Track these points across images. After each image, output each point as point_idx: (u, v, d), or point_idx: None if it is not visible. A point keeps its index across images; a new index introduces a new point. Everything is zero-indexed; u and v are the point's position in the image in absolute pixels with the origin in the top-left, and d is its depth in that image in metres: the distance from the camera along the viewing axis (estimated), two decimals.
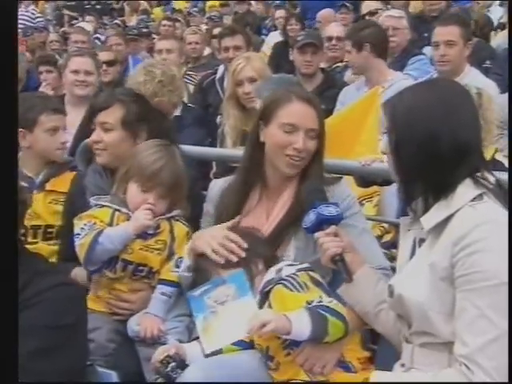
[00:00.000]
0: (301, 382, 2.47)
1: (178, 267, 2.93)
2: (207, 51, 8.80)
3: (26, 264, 2.28)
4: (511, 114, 4.50)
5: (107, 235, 2.94)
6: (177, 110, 4.78)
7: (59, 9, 15.90)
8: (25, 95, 3.62)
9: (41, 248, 3.32)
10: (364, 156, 3.72)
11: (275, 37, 10.07)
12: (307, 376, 2.48)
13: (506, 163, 3.77)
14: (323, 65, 6.43)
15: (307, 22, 9.65)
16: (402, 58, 6.31)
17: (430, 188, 2.24)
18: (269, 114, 2.84)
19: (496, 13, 10.25)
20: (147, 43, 9.47)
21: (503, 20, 9.27)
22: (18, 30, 9.89)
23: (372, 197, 4.19)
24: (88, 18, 13.01)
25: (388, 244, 3.93)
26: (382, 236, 4.06)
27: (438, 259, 2.17)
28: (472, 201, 2.18)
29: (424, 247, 2.28)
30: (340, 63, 6.96)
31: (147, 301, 3.01)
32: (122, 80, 6.73)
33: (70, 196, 3.42)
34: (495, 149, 3.82)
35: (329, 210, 2.57)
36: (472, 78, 4.78)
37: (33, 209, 3.27)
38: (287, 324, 2.40)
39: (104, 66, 6.10)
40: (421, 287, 2.20)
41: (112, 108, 3.31)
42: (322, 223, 2.56)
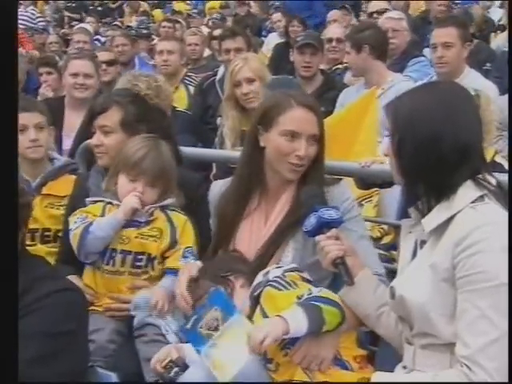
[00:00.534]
0: (301, 383, 2.47)
1: (186, 257, 3.01)
2: (207, 52, 8.81)
3: (27, 268, 2.27)
4: (511, 116, 4.50)
5: (97, 223, 3.00)
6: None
7: (59, 10, 15.92)
8: None
9: (39, 250, 3.31)
10: (363, 155, 3.72)
11: (274, 38, 10.09)
12: (306, 376, 2.48)
13: (506, 165, 3.78)
14: (323, 66, 6.43)
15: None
16: (402, 60, 6.31)
17: (432, 190, 2.24)
18: (269, 120, 2.81)
19: (495, 14, 10.27)
20: (147, 44, 9.49)
21: (503, 22, 9.29)
22: (19, 31, 9.92)
23: (371, 197, 4.18)
24: (88, 19, 13.03)
25: (388, 246, 3.93)
26: (382, 238, 4.06)
27: (440, 260, 2.17)
28: (473, 202, 2.18)
29: (425, 249, 2.28)
30: (340, 65, 6.96)
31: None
32: None
33: (72, 199, 3.41)
34: (495, 150, 3.83)
35: (329, 214, 2.57)
36: (471, 80, 4.78)
37: None
38: (284, 325, 2.40)
39: (104, 66, 6.10)
40: (422, 288, 2.20)
41: (110, 111, 3.31)
42: (323, 226, 2.56)
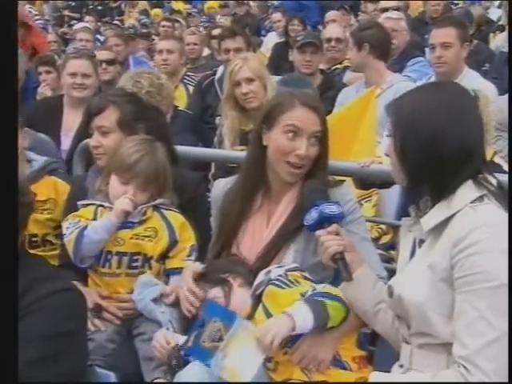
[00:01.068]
0: (301, 383, 2.47)
1: (191, 256, 3.02)
2: (207, 52, 8.81)
3: (26, 269, 2.27)
4: (511, 117, 4.51)
5: (92, 227, 2.98)
6: (167, 115, 4.79)
7: (59, 10, 15.92)
8: None
9: None
10: (362, 155, 3.72)
11: (273, 37, 10.09)
12: (305, 375, 2.49)
13: (505, 165, 3.78)
14: (322, 66, 6.43)
15: None
16: (401, 60, 6.32)
17: (433, 189, 2.25)
18: (272, 119, 2.82)
19: (494, 15, 10.28)
20: (146, 43, 9.48)
21: (502, 22, 9.29)
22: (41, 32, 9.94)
23: (370, 196, 4.19)
24: (87, 19, 13.02)
25: (386, 245, 3.93)
26: (380, 237, 4.07)
27: (438, 260, 2.18)
28: (472, 202, 2.19)
29: (424, 248, 2.28)
30: (339, 65, 6.96)
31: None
32: None
33: (70, 201, 3.35)
34: (494, 151, 3.83)
35: (331, 209, 2.57)
36: (470, 80, 4.79)
37: None
38: (290, 322, 2.42)
39: (103, 65, 6.09)
40: (420, 288, 2.20)
41: (107, 111, 3.29)
42: (324, 221, 2.57)
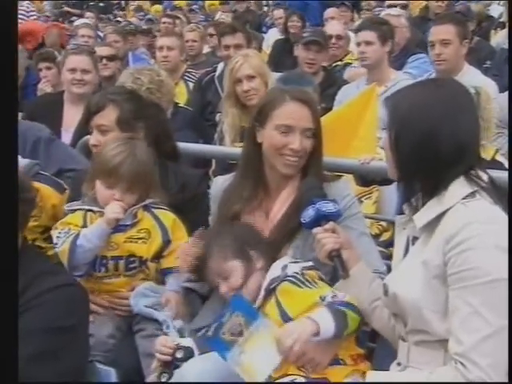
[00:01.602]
0: (301, 382, 2.46)
1: None
2: (208, 48, 8.80)
3: (27, 264, 2.27)
4: (511, 115, 4.50)
5: (84, 236, 2.94)
6: (168, 112, 4.79)
7: (59, 6, 15.90)
8: None
9: None
10: (362, 151, 3.72)
11: (274, 34, 10.08)
12: (301, 371, 2.47)
13: (506, 163, 3.78)
14: (323, 63, 6.44)
15: None
16: (402, 57, 6.33)
17: (426, 185, 2.26)
18: (264, 116, 2.84)
19: (495, 12, 10.27)
20: (147, 40, 9.48)
21: (503, 19, 9.29)
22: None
23: (371, 193, 4.19)
24: (88, 15, 13.00)
25: (386, 242, 3.93)
26: (381, 234, 4.06)
27: (431, 257, 2.18)
28: (464, 198, 2.19)
29: (417, 245, 2.29)
30: (340, 62, 6.96)
31: None
32: None
33: (69, 200, 3.36)
34: (495, 149, 3.83)
35: (327, 207, 2.58)
36: (470, 77, 4.79)
37: None
38: (314, 326, 2.41)
39: (104, 61, 6.09)
40: (414, 285, 2.21)
41: (106, 110, 3.28)
42: (321, 219, 2.58)
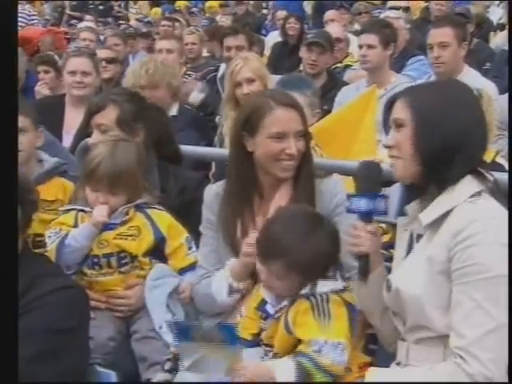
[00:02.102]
0: (310, 383, 2.44)
1: (191, 248, 3.04)
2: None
3: (28, 266, 2.28)
4: (511, 115, 4.50)
5: (71, 236, 2.97)
6: (174, 108, 4.83)
7: (59, 9, 15.89)
8: None
9: None
10: (363, 154, 3.72)
11: (274, 37, 10.08)
12: None
13: (506, 165, 3.79)
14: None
15: None
16: (401, 59, 6.33)
17: (436, 183, 2.27)
18: (253, 125, 2.80)
19: (495, 13, 10.28)
20: (147, 43, 9.49)
21: (502, 21, 9.30)
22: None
23: None
24: (88, 18, 13.01)
25: (386, 245, 3.92)
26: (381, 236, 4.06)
27: (436, 253, 2.20)
28: (471, 197, 2.21)
29: (421, 242, 2.30)
30: (339, 64, 6.97)
31: (143, 296, 3.01)
32: (123, 80, 6.75)
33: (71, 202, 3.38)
34: (496, 151, 3.83)
35: (379, 204, 2.44)
36: (470, 79, 4.77)
37: None
38: (269, 376, 2.41)
39: (103, 63, 6.10)
40: (418, 281, 2.22)
41: (107, 109, 3.30)
42: (370, 214, 2.45)
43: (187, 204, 3.19)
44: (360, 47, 5.46)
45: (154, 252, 3.07)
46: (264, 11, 14.79)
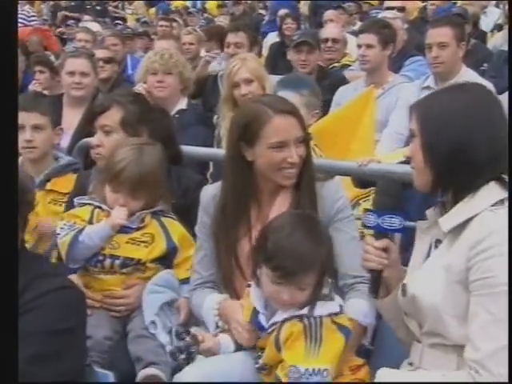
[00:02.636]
0: (315, 383, 2.42)
1: None
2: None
3: (26, 266, 2.27)
4: (511, 115, 4.50)
5: (87, 233, 2.98)
6: (183, 102, 4.90)
7: (57, 9, 15.89)
8: None
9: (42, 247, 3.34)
10: (360, 153, 3.72)
11: (273, 38, 10.08)
12: None
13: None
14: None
15: None
16: (399, 59, 6.33)
17: (456, 190, 2.24)
18: (251, 135, 2.74)
19: (492, 14, 10.28)
20: (144, 43, 9.48)
21: (500, 21, 9.31)
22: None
23: (369, 195, 4.19)
24: (86, 18, 13.00)
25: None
26: None
27: (454, 262, 2.17)
28: (493, 205, 2.18)
29: (440, 249, 2.27)
30: (337, 63, 6.97)
31: (141, 296, 3.02)
32: (121, 80, 6.76)
33: (72, 197, 3.39)
34: None
35: (392, 222, 2.42)
36: (469, 79, 4.76)
37: None
38: None
39: (101, 63, 6.11)
40: (435, 289, 2.19)
41: (111, 110, 3.30)
42: (381, 232, 2.44)
43: (190, 205, 3.18)
44: (359, 47, 5.47)
45: (162, 260, 3.08)
46: (261, 11, 14.79)
